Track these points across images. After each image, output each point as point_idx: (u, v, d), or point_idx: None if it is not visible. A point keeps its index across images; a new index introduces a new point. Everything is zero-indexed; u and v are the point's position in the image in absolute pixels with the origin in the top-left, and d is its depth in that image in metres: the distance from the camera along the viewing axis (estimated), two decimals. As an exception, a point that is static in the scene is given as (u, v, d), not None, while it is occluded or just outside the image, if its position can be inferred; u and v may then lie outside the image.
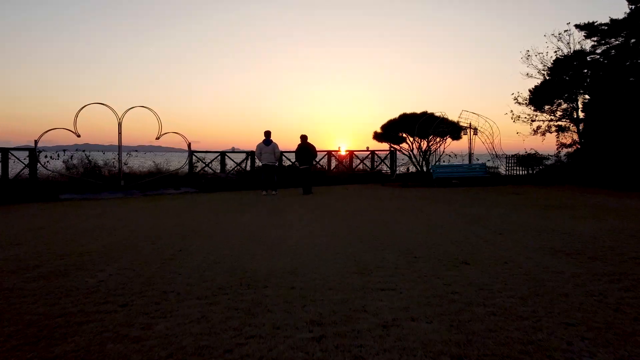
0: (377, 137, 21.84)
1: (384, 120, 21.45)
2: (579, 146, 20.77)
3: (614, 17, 20.02)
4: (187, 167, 17.03)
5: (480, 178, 18.20)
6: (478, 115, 19.58)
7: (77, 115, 14.86)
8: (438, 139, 20.48)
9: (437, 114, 19.92)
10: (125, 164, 16.20)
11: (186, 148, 17.01)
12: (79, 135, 14.83)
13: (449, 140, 20.56)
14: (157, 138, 16.18)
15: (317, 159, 20.83)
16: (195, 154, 17.26)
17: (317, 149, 15.95)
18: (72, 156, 15.61)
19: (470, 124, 20.47)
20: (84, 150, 16.22)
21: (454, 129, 20.26)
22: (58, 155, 15.44)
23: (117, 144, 15.76)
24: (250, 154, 18.39)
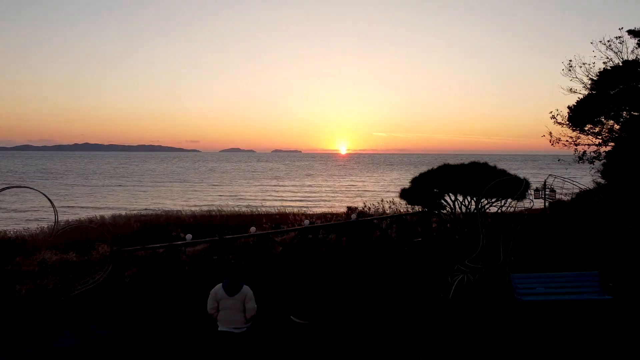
0: (406, 195, 15.30)
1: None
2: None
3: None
4: (112, 269, 10.21)
5: (592, 302, 8.97)
6: (573, 182, 12.94)
7: None
8: (496, 201, 14.04)
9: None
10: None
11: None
12: None
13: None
14: (50, 237, 9.33)
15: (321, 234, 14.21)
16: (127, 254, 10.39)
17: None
18: None
19: (545, 183, 14.05)
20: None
21: (517, 187, 13.78)
22: None
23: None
24: (212, 243, 11.57)
